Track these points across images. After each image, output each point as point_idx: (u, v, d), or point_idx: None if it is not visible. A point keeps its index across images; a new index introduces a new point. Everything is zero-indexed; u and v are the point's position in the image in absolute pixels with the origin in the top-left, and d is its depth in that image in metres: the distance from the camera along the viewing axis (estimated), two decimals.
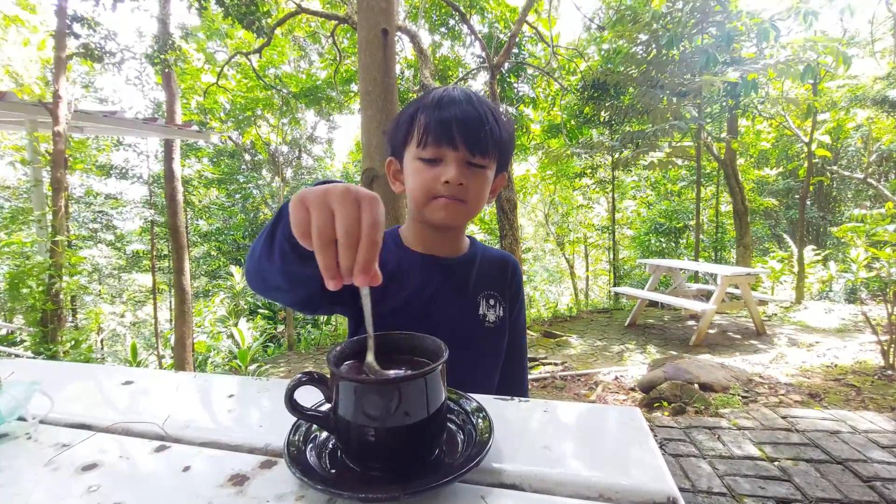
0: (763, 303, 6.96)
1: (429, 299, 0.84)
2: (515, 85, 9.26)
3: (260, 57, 10.47)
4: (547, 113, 10.66)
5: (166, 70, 6.78)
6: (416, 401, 0.40)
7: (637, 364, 4.56)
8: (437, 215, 0.79)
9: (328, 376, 0.43)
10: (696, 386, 3.36)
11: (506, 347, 0.93)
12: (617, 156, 9.03)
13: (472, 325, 0.87)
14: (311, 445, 0.44)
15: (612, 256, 11.57)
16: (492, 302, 0.90)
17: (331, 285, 0.41)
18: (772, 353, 4.57)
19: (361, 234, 0.41)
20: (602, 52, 9.07)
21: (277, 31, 9.57)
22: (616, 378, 4.05)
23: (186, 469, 0.43)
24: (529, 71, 9.48)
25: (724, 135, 8.51)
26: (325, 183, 0.51)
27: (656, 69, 7.29)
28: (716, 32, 6.79)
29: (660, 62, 7.25)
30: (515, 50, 8.79)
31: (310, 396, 0.47)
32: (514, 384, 0.98)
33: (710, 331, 5.67)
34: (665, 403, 3.20)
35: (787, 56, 6.27)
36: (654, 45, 7.18)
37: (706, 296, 6.33)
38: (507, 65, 8.28)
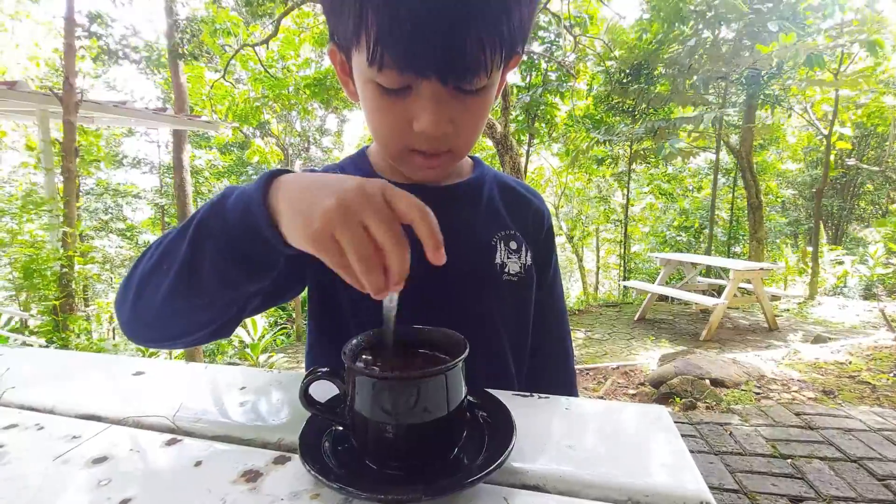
0: (776, 298, 6.88)
1: (420, 247, 0.62)
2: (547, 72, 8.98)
3: (268, 48, 10.43)
4: (572, 103, 10.26)
5: (181, 60, 6.77)
6: (436, 397, 0.38)
7: (647, 359, 4.52)
8: (414, 175, 0.58)
9: (344, 370, 0.41)
10: (707, 381, 3.33)
11: (539, 329, 0.70)
12: (636, 146, 8.91)
13: (486, 278, 0.63)
14: (326, 441, 0.42)
15: (623, 250, 11.49)
16: (513, 245, 0.64)
17: (380, 297, 0.37)
18: (784, 348, 4.51)
19: (412, 221, 0.36)
20: (638, 31, 8.76)
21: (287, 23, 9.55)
22: (625, 373, 4.02)
23: (198, 464, 0.42)
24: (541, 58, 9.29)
25: (742, 126, 8.35)
26: (275, 176, 0.42)
27: (690, 53, 7.10)
28: (754, 18, 6.62)
29: (692, 48, 7.08)
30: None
31: (325, 390, 0.45)
32: (556, 380, 0.75)
33: (722, 326, 5.61)
34: (676, 399, 3.18)
35: (821, 43, 6.07)
36: (698, 25, 6.97)
37: (717, 290, 6.26)
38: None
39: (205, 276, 0.44)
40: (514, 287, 0.64)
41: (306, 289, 0.66)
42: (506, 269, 0.63)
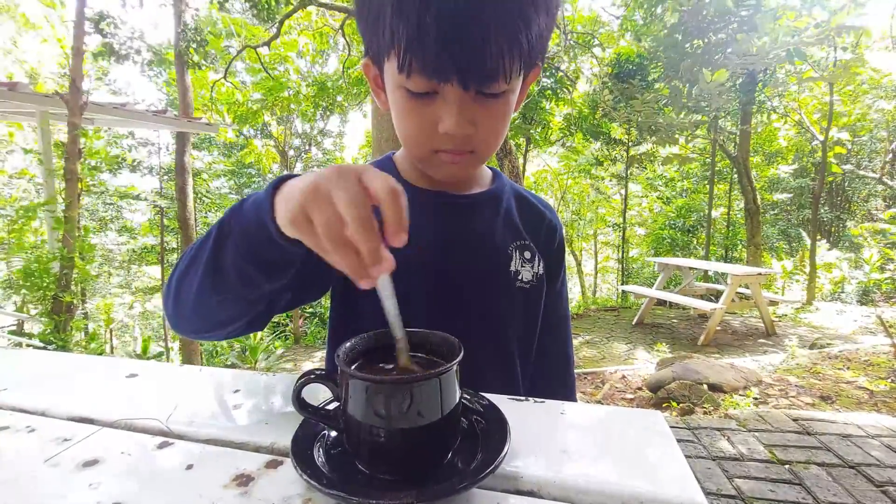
0: (773, 303, 6.88)
1: (442, 251, 0.64)
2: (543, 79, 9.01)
3: (270, 50, 10.43)
4: (570, 99, 10.15)
5: (189, 65, 6.77)
6: (430, 401, 0.38)
7: (645, 363, 4.52)
8: (439, 173, 0.61)
9: (337, 373, 0.41)
10: (705, 386, 3.33)
11: (544, 334, 0.72)
12: (633, 149, 8.92)
13: (501, 284, 0.66)
14: (318, 445, 0.42)
15: (621, 254, 11.50)
16: (527, 255, 0.68)
17: (364, 284, 0.36)
18: (782, 353, 4.51)
19: (381, 202, 0.35)
20: (630, 32, 8.76)
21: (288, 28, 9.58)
22: (623, 377, 4.02)
23: (189, 467, 0.41)
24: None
25: (739, 131, 8.36)
26: (285, 179, 0.44)
27: (681, 58, 7.13)
28: (747, 15, 6.63)
29: (684, 52, 7.10)
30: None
31: (319, 393, 0.45)
32: (555, 384, 0.77)
33: (720, 330, 5.60)
34: (673, 403, 3.17)
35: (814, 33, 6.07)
36: (682, 29, 6.98)
37: (715, 295, 6.26)
38: None
39: (227, 275, 0.48)
40: (526, 294, 0.67)
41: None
42: (519, 277, 0.67)
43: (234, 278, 0.48)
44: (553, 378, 0.77)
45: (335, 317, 0.69)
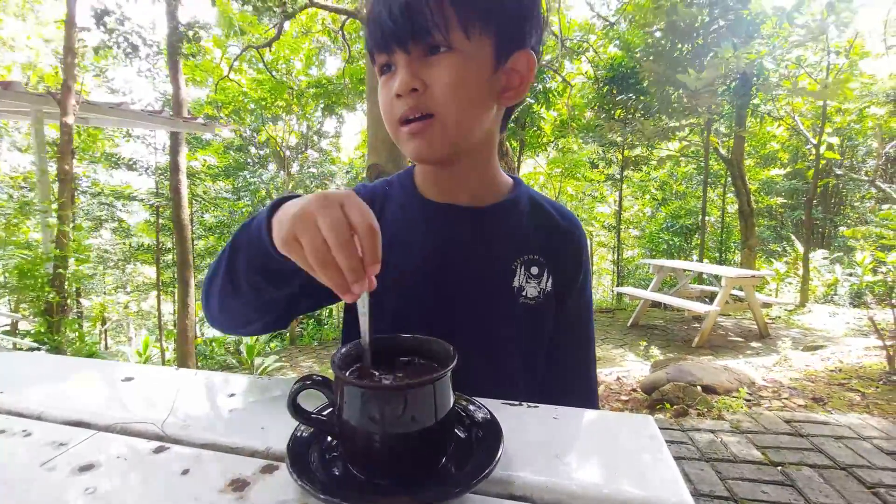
0: (767, 305, 6.93)
1: (440, 262, 0.64)
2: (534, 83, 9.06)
3: (272, 50, 10.40)
4: (563, 103, 10.16)
5: (182, 58, 6.72)
6: (424, 407, 0.39)
7: (639, 365, 4.54)
8: (408, 149, 0.60)
9: (332, 379, 0.42)
10: (699, 388, 3.34)
11: (564, 338, 0.71)
12: (628, 151, 8.97)
13: (502, 300, 0.65)
14: (314, 450, 0.42)
15: (616, 256, 11.53)
16: (534, 270, 0.66)
17: (348, 298, 0.41)
18: (775, 355, 4.54)
19: (359, 235, 0.39)
20: (618, 40, 8.83)
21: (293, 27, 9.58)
22: (618, 379, 4.03)
23: (185, 472, 0.42)
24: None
25: (734, 135, 8.42)
26: (284, 200, 0.48)
27: (669, 65, 7.18)
28: (732, 20, 6.68)
29: (673, 59, 7.16)
30: None
31: (314, 399, 0.45)
32: (577, 391, 0.74)
33: (714, 332, 5.63)
34: (667, 405, 3.19)
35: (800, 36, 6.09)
36: (670, 37, 7.03)
37: (710, 297, 6.30)
38: None
39: (240, 283, 0.55)
40: (531, 311, 0.65)
41: None
42: (524, 293, 0.65)
43: (246, 286, 0.55)
44: (573, 381, 0.74)
45: (348, 320, 0.71)
